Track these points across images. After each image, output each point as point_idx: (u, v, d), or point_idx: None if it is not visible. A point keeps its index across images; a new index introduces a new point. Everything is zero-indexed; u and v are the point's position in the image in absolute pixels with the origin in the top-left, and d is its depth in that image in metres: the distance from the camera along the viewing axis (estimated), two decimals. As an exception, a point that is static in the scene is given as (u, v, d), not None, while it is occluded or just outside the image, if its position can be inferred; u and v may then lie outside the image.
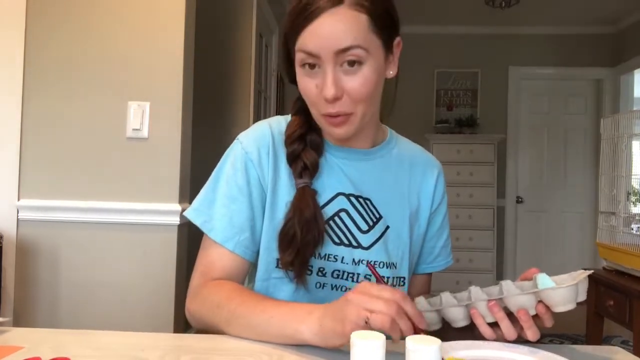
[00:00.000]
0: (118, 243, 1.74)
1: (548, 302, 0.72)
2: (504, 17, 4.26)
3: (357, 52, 0.79)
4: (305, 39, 0.80)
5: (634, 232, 2.26)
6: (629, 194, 2.37)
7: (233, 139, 0.94)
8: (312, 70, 0.82)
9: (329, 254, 0.88)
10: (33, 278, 1.75)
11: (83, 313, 1.74)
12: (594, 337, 2.44)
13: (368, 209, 0.93)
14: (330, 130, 0.86)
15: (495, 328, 0.75)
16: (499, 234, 4.71)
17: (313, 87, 0.82)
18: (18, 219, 1.75)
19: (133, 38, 1.76)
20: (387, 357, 0.59)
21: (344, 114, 0.82)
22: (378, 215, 0.94)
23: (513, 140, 4.90)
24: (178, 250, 1.74)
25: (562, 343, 3.58)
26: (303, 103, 0.90)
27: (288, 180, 0.90)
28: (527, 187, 4.97)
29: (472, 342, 0.74)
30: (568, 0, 4.22)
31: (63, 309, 1.75)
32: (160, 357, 0.71)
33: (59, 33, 1.76)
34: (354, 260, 0.89)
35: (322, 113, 0.83)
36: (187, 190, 1.83)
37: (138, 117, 1.74)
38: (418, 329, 0.67)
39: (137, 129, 1.74)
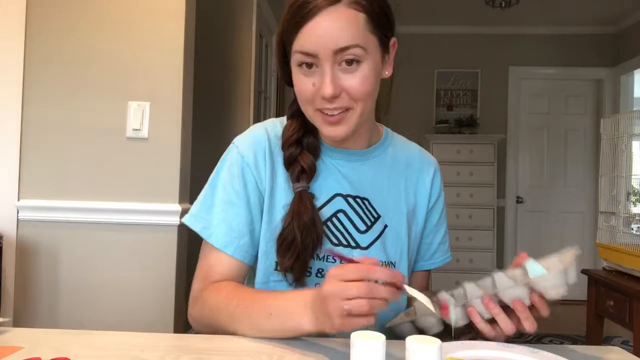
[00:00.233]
0: (118, 243, 1.74)
1: (539, 289, 0.72)
2: (504, 17, 4.26)
3: (355, 51, 0.79)
4: (303, 39, 0.79)
5: (634, 232, 2.26)
6: (629, 194, 2.37)
7: (233, 139, 0.94)
8: (309, 70, 0.81)
9: (328, 255, 0.88)
10: (33, 278, 1.75)
11: (83, 313, 1.74)
12: (594, 337, 2.44)
13: (366, 209, 0.93)
14: (326, 130, 0.85)
15: (494, 325, 0.76)
16: (499, 234, 4.71)
17: (310, 85, 0.82)
18: (18, 219, 1.75)
19: (133, 38, 1.75)
20: (387, 357, 0.59)
21: (343, 109, 0.82)
22: (376, 215, 0.94)
23: (513, 140, 4.90)
24: (178, 251, 1.74)
25: (562, 343, 3.58)
26: (299, 106, 0.90)
27: (285, 184, 0.90)
28: (527, 187, 4.97)
29: (472, 342, 0.75)
30: (568, 0, 4.22)
31: (63, 309, 1.74)
32: (160, 357, 0.71)
33: (59, 33, 1.76)
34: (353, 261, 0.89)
35: (317, 107, 0.83)
36: (187, 191, 1.83)
37: (138, 117, 1.74)
38: (401, 287, 0.69)
39: (137, 129, 1.74)
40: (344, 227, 0.91)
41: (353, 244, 0.91)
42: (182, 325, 1.77)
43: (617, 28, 4.76)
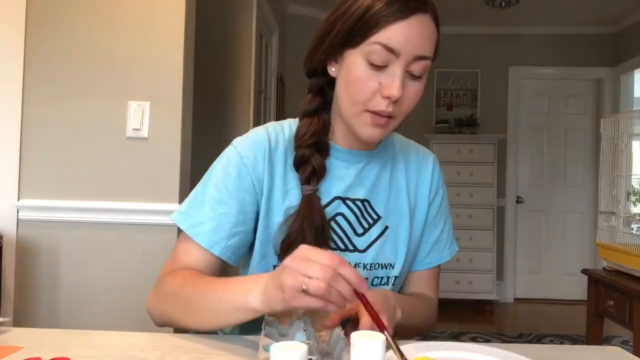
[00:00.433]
0: (118, 243, 1.74)
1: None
2: (504, 17, 4.25)
3: (427, 63, 0.80)
4: (392, 33, 0.77)
5: (634, 232, 2.26)
6: (629, 194, 2.37)
7: (233, 139, 0.94)
8: (376, 66, 0.79)
9: None
10: (33, 278, 1.75)
11: (83, 313, 1.74)
12: (594, 337, 2.44)
13: (365, 211, 0.92)
14: (367, 130, 0.84)
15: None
16: (499, 234, 4.70)
17: (375, 83, 0.80)
18: (18, 219, 1.75)
19: (133, 38, 1.75)
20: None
21: (389, 116, 0.82)
22: (376, 217, 0.93)
23: (513, 140, 4.89)
24: (178, 250, 1.74)
25: (562, 343, 3.58)
26: (317, 105, 0.89)
27: (282, 187, 0.89)
28: (527, 187, 4.97)
29: (445, 343, 0.74)
30: (568, 0, 4.22)
31: (63, 309, 1.74)
32: (160, 357, 0.71)
33: (59, 33, 1.76)
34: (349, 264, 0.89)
35: (372, 109, 0.81)
36: (187, 190, 1.83)
37: (138, 117, 1.74)
38: (360, 295, 0.66)
39: (137, 129, 1.74)
40: (343, 230, 0.90)
41: (351, 247, 0.90)
42: (182, 325, 1.77)
43: (617, 28, 4.76)
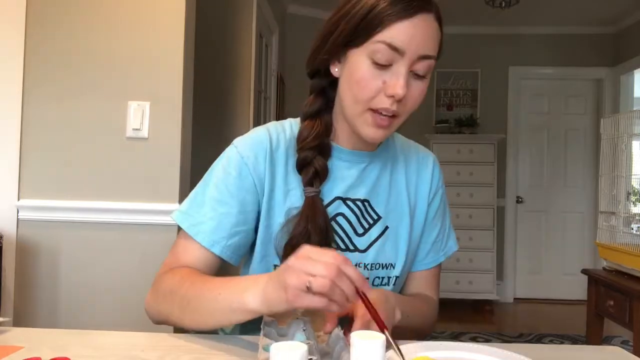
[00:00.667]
0: (118, 243, 1.74)
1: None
2: (504, 17, 4.25)
3: (431, 63, 0.80)
4: (396, 32, 0.77)
5: (634, 232, 2.26)
6: (629, 194, 2.37)
7: (233, 139, 0.93)
8: (381, 65, 0.79)
9: None
10: (33, 278, 1.75)
11: (83, 313, 1.74)
12: (594, 337, 2.44)
13: (365, 211, 0.92)
14: (369, 131, 0.84)
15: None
16: (499, 234, 4.70)
17: (379, 82, 0.80)
18: (18, 219, 1.75)
19: (133, 38, 1.75)
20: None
21: (394, 113, 0.82)
22: (376, 217, 0.93)
23: (513, 140, 4.89)
24: (178, 250, 1.74)
25: (562, 343, 3.58)
26: (319, 106, 0.89)
27: (284, 187, 0.89)
28: (527, 187, 4.97)
29: (445, 342, 0.74)
30: (568, 0, 4.22)
31: (63, 309, 1.74)
32: (160, 357, 0.71)
33: (59, 33, 1.76)
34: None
35: (376, 107, 0.81)
36: (187, 190, 1.83)
37: (138, 117, 1.74)
38: (361, 294, 0.66)
39: (137, 129, 1.74)
40: (343, 230, 0.90)
41: (351, 247, 0.90)
42: (182, 325, 1.77)
43: (617, 28, 4.76)
